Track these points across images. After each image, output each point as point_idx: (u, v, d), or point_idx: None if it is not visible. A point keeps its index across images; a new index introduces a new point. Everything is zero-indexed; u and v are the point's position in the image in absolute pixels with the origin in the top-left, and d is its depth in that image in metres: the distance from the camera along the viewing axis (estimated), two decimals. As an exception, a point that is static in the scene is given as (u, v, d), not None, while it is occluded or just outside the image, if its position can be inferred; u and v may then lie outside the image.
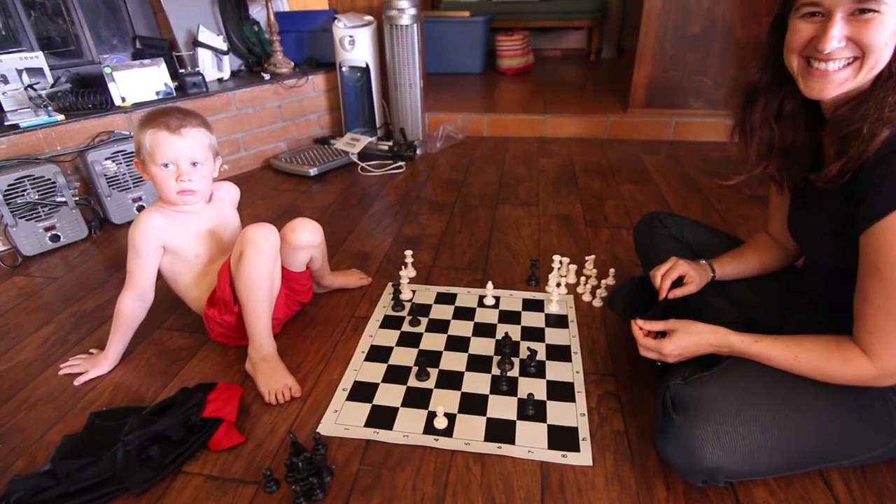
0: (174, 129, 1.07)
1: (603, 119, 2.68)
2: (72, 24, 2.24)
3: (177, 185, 1.10)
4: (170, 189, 1.10)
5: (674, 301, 1.01)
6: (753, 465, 0.78)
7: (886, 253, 0.68)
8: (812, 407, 0.79)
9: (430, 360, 1.14)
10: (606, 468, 0.90)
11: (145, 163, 1.10)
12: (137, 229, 1.10)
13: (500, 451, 0.93)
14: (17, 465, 0.94)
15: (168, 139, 1.07)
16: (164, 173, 1.09)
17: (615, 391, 1.07)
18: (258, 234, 1.06)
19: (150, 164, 1.09)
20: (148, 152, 1.08)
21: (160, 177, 1.10)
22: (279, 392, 1.05)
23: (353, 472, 0.90)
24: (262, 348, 1.10)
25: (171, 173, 1.09)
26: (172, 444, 0.93)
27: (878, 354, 0.72)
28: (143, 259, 1.12)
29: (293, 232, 1.17)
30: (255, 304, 1.08)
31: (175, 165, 1.09)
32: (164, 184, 1.10)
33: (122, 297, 1.14)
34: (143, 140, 1.08)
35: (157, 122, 1.07)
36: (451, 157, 2.50)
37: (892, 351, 0.71)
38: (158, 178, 1.10)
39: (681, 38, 2.47)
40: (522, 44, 3.77)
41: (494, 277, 1.45)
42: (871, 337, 0.73)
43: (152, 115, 1.09)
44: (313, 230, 1.21)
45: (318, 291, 1.42)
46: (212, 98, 2.15)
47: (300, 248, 1.20)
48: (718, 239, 1.16)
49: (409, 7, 2.23)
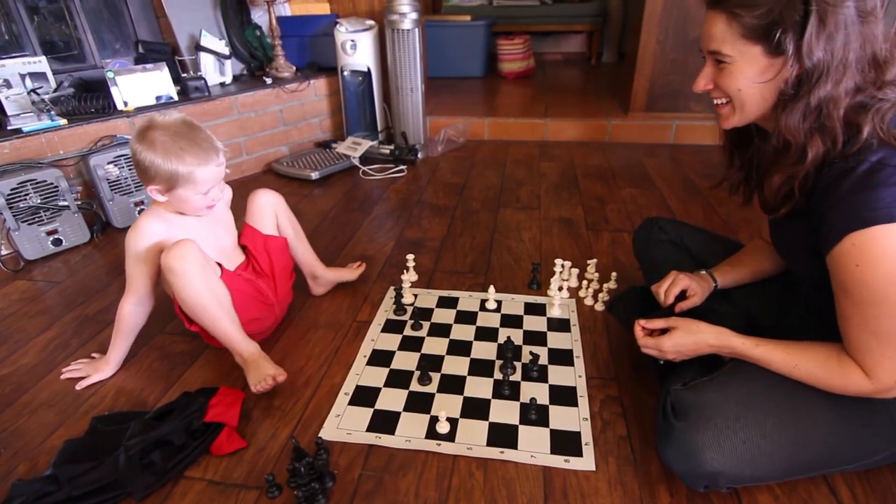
0: (215, 160, 1.07)
1: (604, 123, 2.68)
2: (74, 29, 2.25)
3: (209, 203, 1.10)
4: (199, 208, 1.11)
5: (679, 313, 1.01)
6: (755, 471, 0.78)
7: (851, 275, 0.69)
8: (813, 411, 0.79)
9: (432, 365, 1.14)
10: (609, 473, 0.90)
11: (173, 187, 1.05)
12: (136, 235, 1.09)
13: (503, 455, 0.93)
14: (18, 469, 0.93)
15: (214, 171, 1.07)
16: (200, 198, 1.08)
17: (618, 395, 1.06)
18: (171, 257, 1.03)
19: (188, 192, 1.06)
20: (190, 184, 1.05)
21: (193, 199, 1.08)
22: (261, 382, 1.05)
23: (355, 477, 0.90)
24: (240, 353, 1.11)
25: (206, 196, 1.09)
26: (174, 449, 0.93)
27: (872, 370, 0.73)
28: (143, 265, 1.11)
29: (252, 194, 1.28)
30: (210, 321, 1.09)
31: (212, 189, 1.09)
32: (194, 204, 1.09)
33: (123, 303, 1.14)
34: (181, 172, 1.03)
35: (197, 154, 1.03)
36: (453, 160, 2.50)
37: (883, 367, 0.72)
38: (191, 201, 1.08)
39: (682, 42, 2.47)
40: (523, 48, 3.78)
41: (496, 281, 1.45)
42: (860, 354, 0.73)
43: (182, 145, 1.02)
44: (269, 191, 1.30)
45: (319, 292, 1.43)
46: (214, 102, 2.16)
47: (262, 207, 1.28)
48: (719, 245, 1.16)
49: (411, 11, 2.23)
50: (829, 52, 0.66)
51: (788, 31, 0.67)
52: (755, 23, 0.69)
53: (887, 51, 0.68)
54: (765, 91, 0.73)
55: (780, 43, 0.68)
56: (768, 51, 0.70)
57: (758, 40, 0.70)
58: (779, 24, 0.67)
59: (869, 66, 0.68)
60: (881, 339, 0.70)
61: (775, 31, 0.68)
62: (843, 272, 0.70)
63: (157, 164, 1.02)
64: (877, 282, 0.67)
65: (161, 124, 1.03)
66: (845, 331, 0.74)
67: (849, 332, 0.74)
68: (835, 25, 0.65)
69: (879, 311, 0.69)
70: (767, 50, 0.70)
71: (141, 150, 1.02)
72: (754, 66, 0.72)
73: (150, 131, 1.02)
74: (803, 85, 0.69)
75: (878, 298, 0.68)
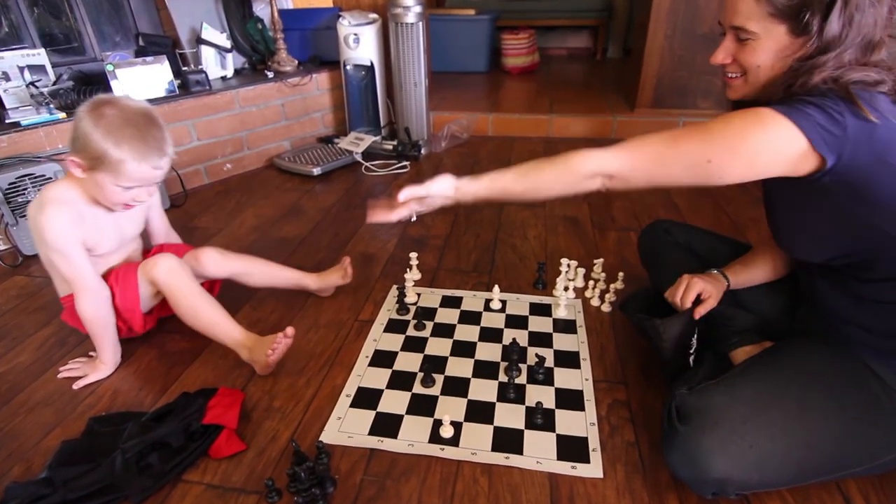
0: (155, 163, 1.00)
1: (609, 119, 2.65)
2: (74, 21, 2.22)
3: (124, 199, 1.03)
4: (115, 202, 1.04)
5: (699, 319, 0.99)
6: (763, 476, 0.76)
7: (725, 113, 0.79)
8: (821, 413, 0.78)
9: (436, 366, 1.12)
10: (617, 481, 0.88)
11: (95, 168, 0.98)
12: (56, 230, 1.01)
13: (508, 461, 0.91)
14: (13, 471, 0.92)
15: (147, 172, 1.00)
16: (120, 191, 1.01)
17: (625, 400, 1.04)
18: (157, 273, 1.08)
19: (108, 180, 0.99)
20: (113, 174, 0.98)
21: (111, 190, 1.01)
22: (273, 350, 1.06)
23: (356, 482, 0.88)
24: (228, 343, 1.12)
25: (127, 192, 1.02)
26: (172, 452, 0.91)
27: (616, 146, 0.85)
28: (81, 253, 1.04)
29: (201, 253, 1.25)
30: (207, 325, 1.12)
31: (136, 189, 1.03)
32: (111, 195, 1.02)
33: (81, 304, 1.06)
34: (111, 155, 0.96)
35: (138, 148, 0.97)
36: (456, 156, 2.47)
37: (626, 147, 0.85)
38: (110, 192, 1.01)
39: (689, 38, 2.44)
40: (528, 42, 3.73)
41: (501, 280, 1.42)
42: (629, 140, 0.85)
43: (128, 132, 0.96)
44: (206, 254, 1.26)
45: (326, 294, 1.39)
46: (215, 96, 2.13)
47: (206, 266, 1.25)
48: (727, 247, 1.15)
49: (415, 5, 2.20)
50: (846, 31, 0.69)
51: (817, 13, 0.69)
52: (785, 3, 0.71)
53: (881, 34, 0.72)
54: (778, 66, 0.76)
55: (807, 24, 0.70)
56: (793, 30, 0.72)
57: (785, 19, 0.72)
58: (808, 4, 0.70)
59: (864, 48, 0.71)
60: (667, 135, 0.82)
61: (804, 11, 0.70)
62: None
63: (92, 138, 0.95)
64: (727, 119, 0.77)
65: (120, 104, 0.98)
66: None
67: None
68: (856, 6, 0.68)
69: (696, 129, 0.79)
70: (792, 29, 0.72)
71: (85, 117, 0.96)
72: (778, 44, 0.74)
73: (106, 106, 0.97)
74: (811, 60, 0.72)
75: (709, 125, 0.78)
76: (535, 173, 0.93)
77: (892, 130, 0.69)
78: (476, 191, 0.99)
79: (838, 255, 0.80)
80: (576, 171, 0.88)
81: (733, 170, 0.77)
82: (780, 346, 0.92)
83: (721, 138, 0.76)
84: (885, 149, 0.69)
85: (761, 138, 0.73)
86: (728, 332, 1.03)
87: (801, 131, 0.69)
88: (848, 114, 0.68)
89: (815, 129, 0.69)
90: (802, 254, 0.88)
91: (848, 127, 0.68)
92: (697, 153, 0.78)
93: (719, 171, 0.77)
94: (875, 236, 0.74)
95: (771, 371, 0.84)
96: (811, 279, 0.90)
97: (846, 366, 0.82)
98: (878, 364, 0.81)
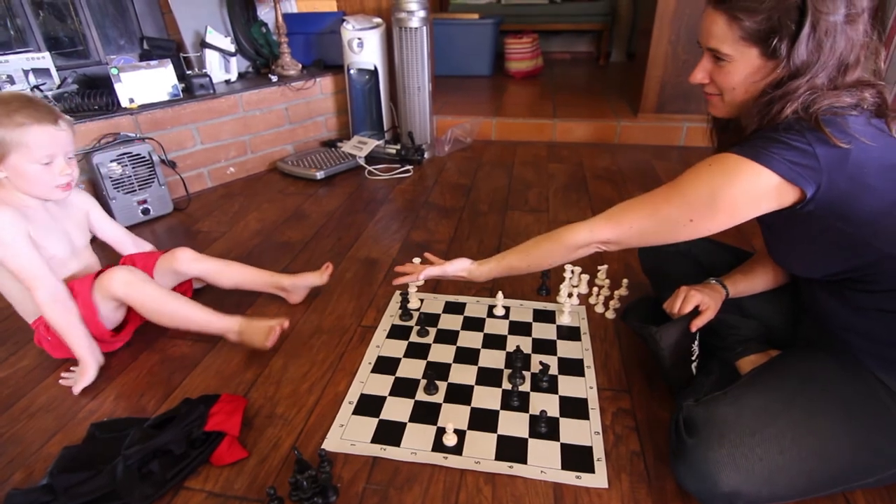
0: (54, 121, 0.97)
1: (613, 124, 2.64)
2: (79, 25, 2.23)
3: (58, 179, 1.02)
4: (46, 185, 1.02)
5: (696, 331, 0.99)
6: (773, 489, 0.75)
7: (696, 165, 0.81)
8: (831, 424, 0.77)
9: (439, 373, 1.11)
10: (623, 491, 0.87)
11: (7, 158, 0.97)
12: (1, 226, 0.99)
13: (512, 470, 0.90)
14: (14, 477, 0.91)
15: (52, 133, 0.97)
16: (42, 170, 0.99)
17: (630, 409, 1.03)
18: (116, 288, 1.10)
19: (24, 162, 0.97)
20: (23, 148, 0.96)
21: (36, 173, 0.99)
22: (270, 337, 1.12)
23: (359, 490, 0.87)
24: (230, 330, 1.13)
25: (49, 169, 1.00)
26: (174, 459, 0.90)
27: (599, 217, 0.92)
28: (22, 248, 1.02)
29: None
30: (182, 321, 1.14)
31: (54, 160, 1.00)
32: (39, 180, 1.00)
33: (37, 297, 1.04)
34: (11, 133, 0.95)
35: (32, 113, 0.96)
36: (460, 161, 2.47)
37: (610, 219, 0.91)
38: (32, 175, 0.99)
39: (694, 43, 2.41)
40: (531, 47, 3.74)
41: (504, 287, 1.41)
42: (611, 208, 0.91)
43: (15, 107, 0.95)
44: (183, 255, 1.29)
45: (296, 300, 1.38)
46: (219, 100, 2.13)
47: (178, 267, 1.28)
48: (729, 254, 1.14)
49: (419, 9, 2.20)
50: (816, 56, 0.71)
51: (784, 38, 0.71)
52: (754, 27, 0.73)
53: (856, 55, 0.72)
54: (752, 89, 0.78)
55: (775, 48, 0.72)
56: (764, 53, 0.75)
57: (755, 43, 0.74)
58: (776, 31, 0.72)
59: (838, 70, 0.72)
60: (645, 201, 0.87)
61: (773, 37, 0.72)
62: (698, 162, 0.81)
63: None
64: (696, 176, 0.80)
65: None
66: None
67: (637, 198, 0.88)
68: (825, 32, 0.70)
69: (672, 192, 0.83)
70: (763, 53, 0.74)
71: None
72: (750, 67, 0.77)
73: None
74: (783, 84, 0.73)
75: (682, 186, 0.81)
76: (535, 251, 1.03)
77: (864, 151, 0.69)
78: (487, 272, 1.11)
79: (836, 272, 0.80)
80: (569, 245, 0.97)
81: (717, 222, 0.80)
82: (786, 355, 0.92)
83: (695, 198, 0.80)
84: (860, 171, 0.69)
85: (734, 190, 0.75)
86: (733, 341, 1.03)
87: (770, 170, 0.71)
88: (817, 144, 0.69)
89: (784, 164, 0.70)
90: (799, 272, 0.89)
91: (819, 157, 0.69)
92: (678, 216, 0.82)
93: (706, 226, 0.81)
94: (869, 253, 0.74)
95: (778, 382, 0.83)
96: (811, 289, 0.90)
97: (853, 375, 0.81)
98: (884, 373, 0.80)
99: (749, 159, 0.73)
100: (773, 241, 0.90)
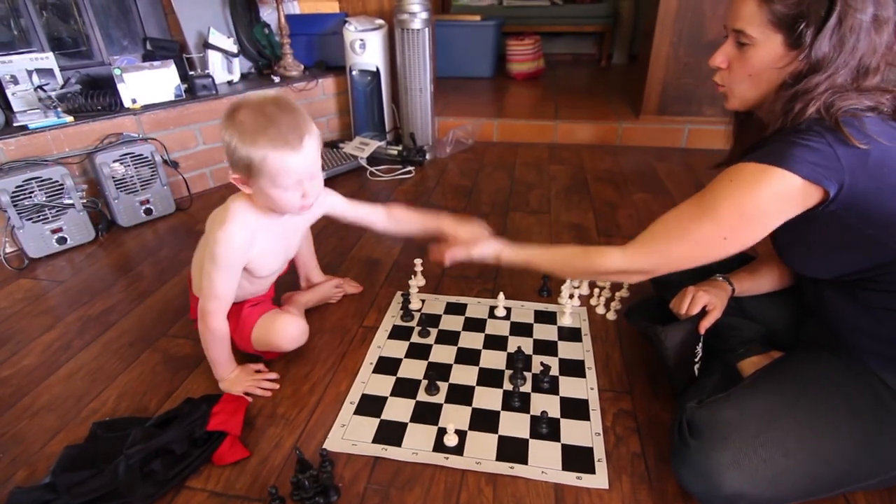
0: (296, 145, 0.92)
1: (615, 125, 2.65)
2: (83, 25, 2.24)
3: (300, 202, 0.98)
4: (291, 207, 0.99)
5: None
6: (777, 490, 0.75)
7: (718, 180, 0.79)
8: (833, 422, 0.77)
9: (440, 374, 1.12)
10: (623, 492, 0.87)
11: (254, 179, 0.94)
12: (229, 247, 0.99)
13: (513, 471, 0.90)
14: (17, 476, 0.92)
15: (294, 161, 0.92)
16: (287, 194, 0.96)
17: (631, 410, 1.03)
18: (285, 340, 1.12)
19: (266, 185, 0.94)
20: (266, 175, 0.92)
21: (278, 196, 0.96)
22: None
23: (360, 490, 0.87)
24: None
25: (294, 192, 0.97)
26: (176, 458, 0.91)
27: (631, 246, 0.88)
28: (234, 273, 1.02)
29: None
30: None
31: (299, 183, 0.96)
32: (284, 202, 0.97)
33: (211, 319, 1.02)
34: (253, 157, 0.91)
35: (273, 137, 0.90)
36: (461, 162, 2.47)
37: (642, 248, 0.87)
38: (275, 197, 0.96)
39: (695, 45, 2.43)
40: (533, 48, 3.74)
41: (505, 287, 1.42)
42: (643, 231, 0.87)
43: (260, 126, 0.90)
44: None
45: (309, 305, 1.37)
46: (221, 100, 2.14)
47: None
48: (733, 257, 1.13)
49: (421, 11, 2.20)
50: (837, 52, 0.70)
51: (811, 25, 0.70)
52: (784, 11, 0.72)
53: (878, 61, 0.72)
54: (771, 79, 0.77)
55: (801, 35, 0.71)
56: (788, 41, 0.73)
57: (782, 29, 0.73)
58: (804, 17, 0.71)
59: (858, 72, 0.72)
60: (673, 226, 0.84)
61: (800, 23, 0.71)
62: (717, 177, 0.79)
63: (235, 148, 0.92)
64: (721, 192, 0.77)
65: (249, 102, 0.93)
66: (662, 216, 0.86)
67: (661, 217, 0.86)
68: (850, 28, 0.69)
69: (699, 212, 0.80)
70: (788, 40, 0.73)
71: (224, 130, 0.93)
72: (772, 53, 0.76)
73: (237, 111, 0.92)
74: (802, 78, 0.73)
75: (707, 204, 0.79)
76: (568, 264, 1.01)
77: (884, 151, 0.69)
78: (514, 263, 1.06)
79: (847, 273, 0.80)
80: (599, 269, 0.94)
81: (751, 234, 0.78)
82: (789, 357, 0.92)
83: (724, 214, 0.77)
84: (881, 171, 0.69)
85: (760, 198, 0.74)
86: (734, 343, 1.03)
87: (792, 172, 0.70)
88: (837, 144, 0.69)
89: (805, 165, 0.70)
90: (811, 273, 0.88)
91: (840, 157, 0.69)
92: (711, 236, 0.80)
93: (740, 241, 0.79)
94: (885, 253, 0.74)
95: (780, 383, 0.83)
96: (817, 289, 0.90)
97: (856, 376, 0.81)
98: (887, 373, 0.80)
99: (769, 164, 0.72)
100: (789, 243, 0.89)
